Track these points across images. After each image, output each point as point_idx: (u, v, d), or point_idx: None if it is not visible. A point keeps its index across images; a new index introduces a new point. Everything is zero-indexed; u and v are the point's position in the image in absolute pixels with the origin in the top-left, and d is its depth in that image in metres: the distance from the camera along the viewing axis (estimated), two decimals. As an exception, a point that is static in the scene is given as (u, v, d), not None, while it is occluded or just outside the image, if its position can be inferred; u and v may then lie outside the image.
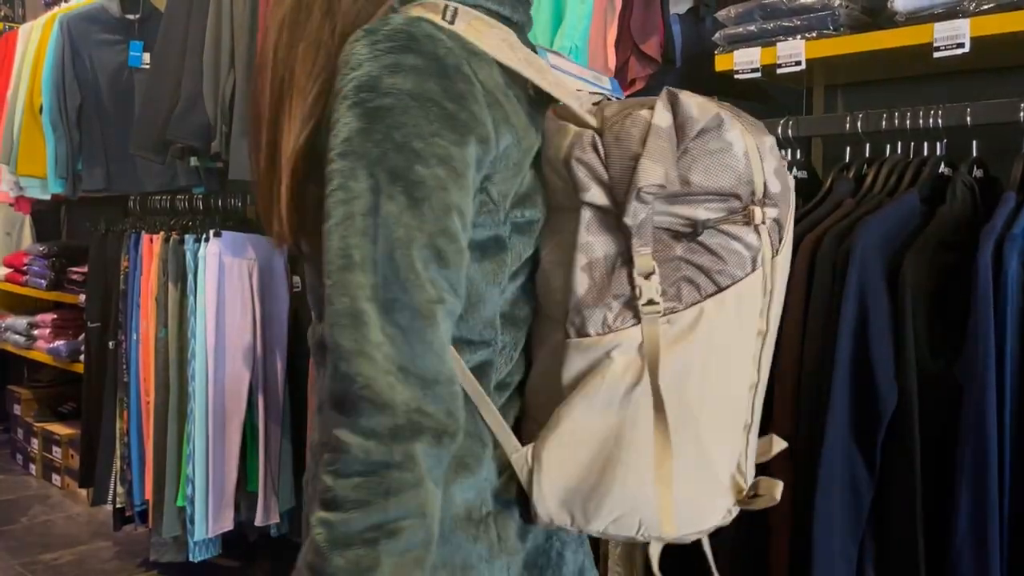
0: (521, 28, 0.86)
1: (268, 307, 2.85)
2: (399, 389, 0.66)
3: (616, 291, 0.77)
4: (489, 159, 0.75)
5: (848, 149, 1.65)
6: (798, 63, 1.66)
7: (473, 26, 0.76)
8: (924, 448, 1.32)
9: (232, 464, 2.74)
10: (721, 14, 1.79)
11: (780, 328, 1.42)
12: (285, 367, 2.86)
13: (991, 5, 1.47)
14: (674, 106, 0.77)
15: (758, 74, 1.72)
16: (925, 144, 1.55)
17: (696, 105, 0.76)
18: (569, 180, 0.78)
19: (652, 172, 0.74)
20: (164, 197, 3.11)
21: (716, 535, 0.89)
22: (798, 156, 1.73)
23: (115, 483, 3.06)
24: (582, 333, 0.77)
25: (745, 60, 1.71)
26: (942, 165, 1.51)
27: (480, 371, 0.79)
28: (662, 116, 0.76)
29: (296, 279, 2.96)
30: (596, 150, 0.77)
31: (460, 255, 0.72)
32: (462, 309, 0.74)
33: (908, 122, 1.51)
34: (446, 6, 0.76)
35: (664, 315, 0.76)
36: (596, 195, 0.77)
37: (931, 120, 1.49)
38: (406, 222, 0.69)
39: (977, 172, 1.50)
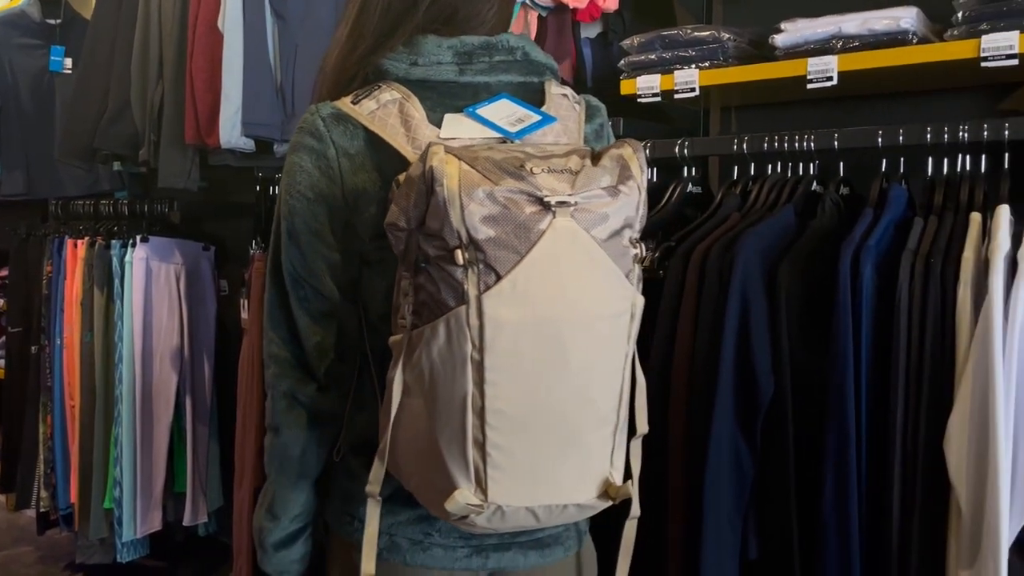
0: (436, 87, 1.03)
1: (195, 311, 2.91)
2: None
3: (396, 304, 0.95)
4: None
5: (736, 167, 1.84)
6: (692, 89, 1.84)
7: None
8: (796, 432, 1.51)
9: (160, 466, 2.79)
10: (626, 43, 1.97)
11: (675, 327, 1.62)
12: (213, 370, 2.93)
13: (856, 44, 1.68)
14: (424, 159, 0.90)
15: (658, 98, 1.90)
16: (801, 164, 1.75)
17: (435, 157, 0.89)
18: None
19: (392, 213, 0.92)
20: (87, 202, 3.12)
21: (615, 515, 1.04)
22: (694, 173, 1.92)
23: (38, 487, 3.06)
24: (393, 333, 0.97)
25: (646, 85, 1.89)
26: (814, 183, 1.71)
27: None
28: (415, 167, 0.90)
29: (224, 283, 3.03)
30: (396, 189, 0.95)
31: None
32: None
33: (786, 145, 1.71)
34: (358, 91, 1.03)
35: (411, 329, 0.92)
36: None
37: (805, 143, 1.69)
38: None
39: (844, 190, 1.71)
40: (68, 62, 3.30)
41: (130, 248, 2.74)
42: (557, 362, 0.90)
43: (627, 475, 0.99)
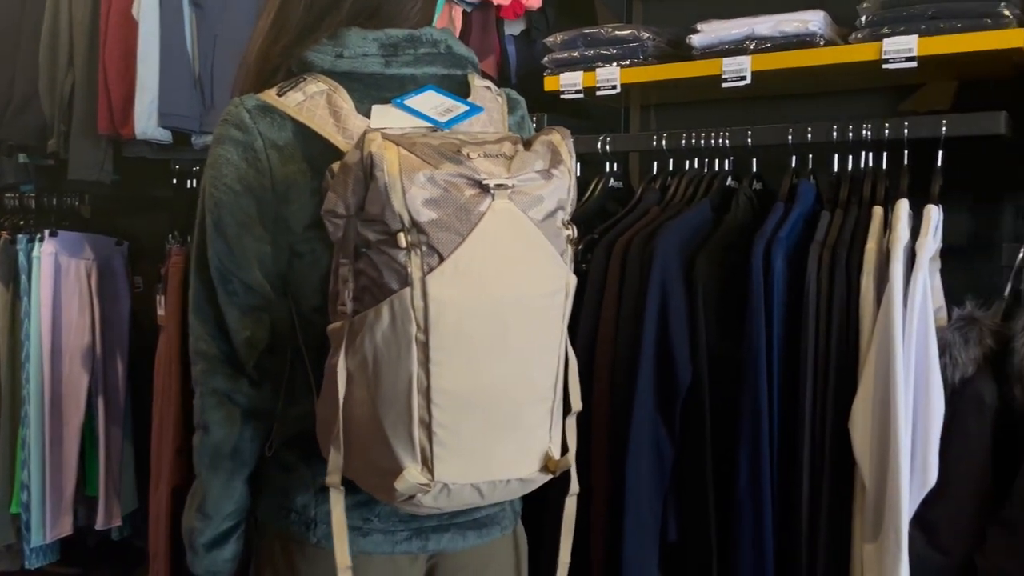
0: (362, 79, 1.04)
1: (108, 308, 2.82)
2: None
3: (335, 292, 0.96)
4: None
5: (656, 163, 1.90)
6: (614, 87, 1.89)
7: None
8: (713, 416, 1.57)
9: (70, 468, 2.70)
10: (549, 40, 2.01)
11: (599, 317, 1.66)
12: (127, 369, 2.84)
13: (768, 45, 1.75)
14: (361, 146, 0.92)
15: (580, 95, 1.94)
16: (717, 160, 1.82)
17: (373, 143, 0.90)
18: None
19: (329, 200, 0.94)
20: (-9, 195, 2.99)
21: (542, 495, 1.06)
22: (615, 168, 1.97)
23: (-62, 493, 2.92)
24: (331, 321, 0.98)
25: (569, 82, 1.93)
26: (729, 179, 1.78)
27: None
28: (352, 154, 0.92)
29: (138, 279, 2.94)
30: (331, 176, 0.96)
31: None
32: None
33: (703, 142, 1.77)
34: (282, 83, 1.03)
35: (352, 315, 0.93)
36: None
37: (721, 140, 1.75)
38: None
39: (757, 185, 1.78)
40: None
41: (37, 243, 2.64)
42: (499, 340, 0.92)
43: (563, 449, 1.02)
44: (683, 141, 1.79)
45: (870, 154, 1.65)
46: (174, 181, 2.66)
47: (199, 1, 2.31)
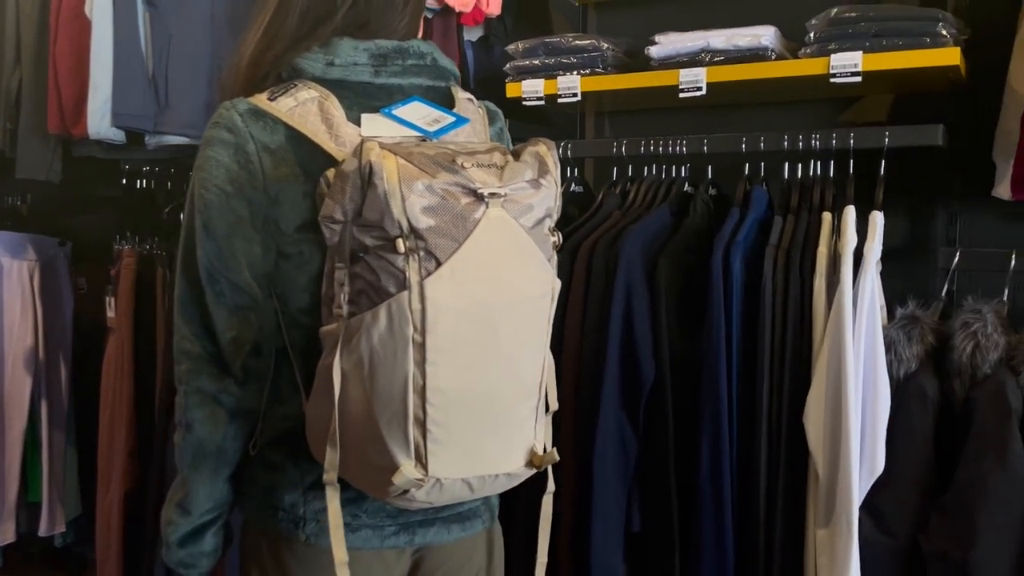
0: (352, 87, 1.07)
1: (51, 310, 2.75)
2: None
3: (329, 295, 0.99)
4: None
5: (615, 169, 1.97)
6: (575, 94, 1.95)
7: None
8: (675, 411, 1.65)
9: (12, 474, 2.63)
10: (511, 48, 2.05)
11: (565, 317, 1.72)
12: (71, 372, 2.78)
13: (722, 58, 1.84)
14: (359, 154, 0.96)
15: (542, 102, 2.00)
16: (674, 167, 1.90)
17: (372, 152, 0.95)
18: None
19: (327, 207, 0.97)
20: (-74, 194, 2.89)
21: (514, 489, 1.11)
22: (575, 173, 2.03)
23: None
24: (324, 323, 1.02)
25: (531, 89, 1.99)
26: (686, 184, 1.86)
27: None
28: (350, 162, 0.95)
29: (82, 280, 2.88)
30: (326, 184, 1.00)
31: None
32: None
33: (660, 149, 1.85)
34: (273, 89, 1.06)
35: (347, 317, 0.96)
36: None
37: (678, 148, 1.83)
38: None
39: (712, 191, 1.87)
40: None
41: (-22, 244, 2.57)
42: (491, 341, 0.97)
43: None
44: (642, 148, 1.86)
45: (819, 162, 1.75)
46: (123, 181, 2.62)
47: (153, 0, 2.28)
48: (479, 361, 0.97)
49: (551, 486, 1.11)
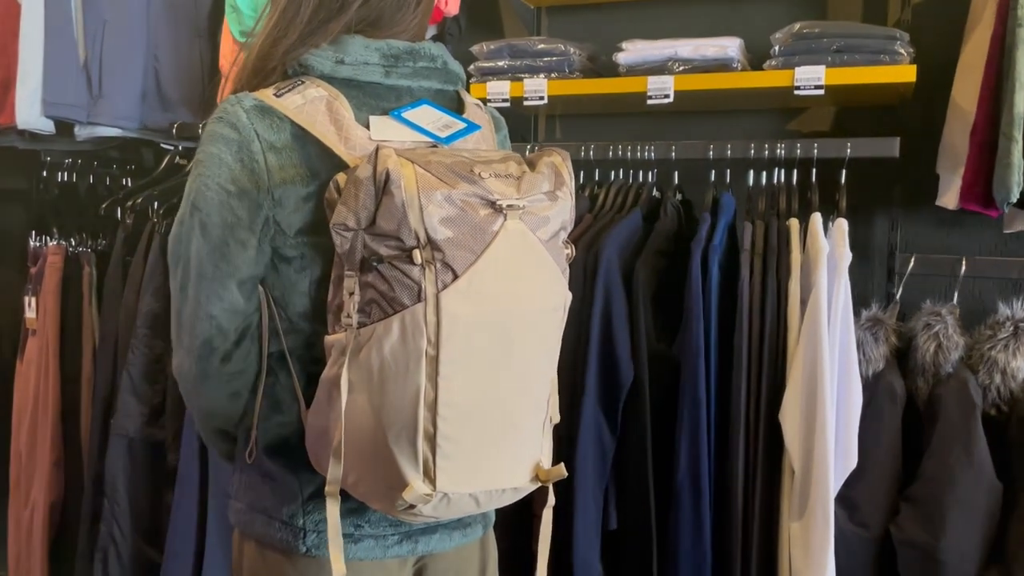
0: (361, 86, 1.04)
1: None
2: None
3: (337, 303, 0.97)
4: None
5: (582, 172, 1.99)
6: (541, 97, 1.96)
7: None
8: (653, 410, 1.68)
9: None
10: (475, 48, 2.05)
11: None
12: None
13: (688, 67, 1.89)
14: (375, 161, 0.94)
15: (507, 104, 2.00)
16: (641, 172, 1.94)
17: (389, 160, 0.93)
18: None
19: (339, 214, 0.94)
20: None
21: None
22: (538, 175, 2.03)
23: None
24: (330, 332, 0.99)
25: (497, 91, 1.98)
26: (654, 189, 1.90)
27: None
28: (364, 168, 0.93)
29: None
30: (336, 190, 0.97)
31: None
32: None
33: (628, 154, 1.88)
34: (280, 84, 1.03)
35: (357, 328, 0.94)
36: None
37: (646, 153, 1.87)
38: None
39: (679, 195, 1.92)
40: None
41: None
42: (504, 354, 0.96)
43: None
44: (610, 152, 1.89)
45: (782, 170, 1.82)
46: (44, 173, 2.46)
47: (87, -16, 2.15)
48: (492, 374, 0.96)
49: (551, 499, 1.10)
